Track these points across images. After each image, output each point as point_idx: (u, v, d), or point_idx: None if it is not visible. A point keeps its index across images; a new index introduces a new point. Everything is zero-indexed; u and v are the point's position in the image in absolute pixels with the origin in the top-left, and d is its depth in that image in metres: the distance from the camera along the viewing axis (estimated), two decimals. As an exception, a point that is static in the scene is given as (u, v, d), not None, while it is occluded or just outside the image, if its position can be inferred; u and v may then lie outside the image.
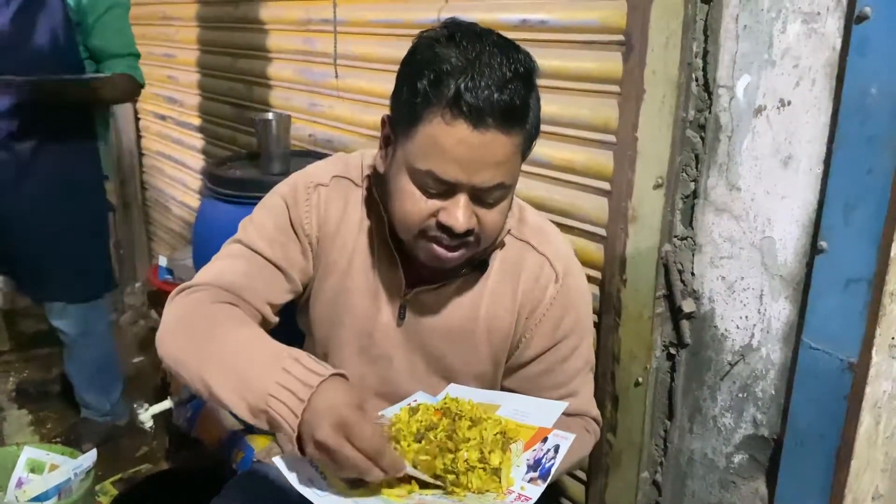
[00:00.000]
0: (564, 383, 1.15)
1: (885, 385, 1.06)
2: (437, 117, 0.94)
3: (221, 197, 1.79)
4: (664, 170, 1.24)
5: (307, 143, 2.23)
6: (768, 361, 1.17)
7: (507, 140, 0.94)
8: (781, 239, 1.12)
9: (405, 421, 0.99)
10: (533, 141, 1.02)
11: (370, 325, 1.15)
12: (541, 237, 1.14)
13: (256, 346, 0.96)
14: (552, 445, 0.94)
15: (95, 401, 2.51)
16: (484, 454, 0.93)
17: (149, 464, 2.45)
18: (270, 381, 0.88)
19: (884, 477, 1.14)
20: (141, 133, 3.64)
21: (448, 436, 0.95)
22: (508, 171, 0.98)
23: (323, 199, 1.15)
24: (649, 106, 1.22)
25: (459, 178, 0.95)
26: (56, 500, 1.94)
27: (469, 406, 1.02)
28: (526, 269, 1.12)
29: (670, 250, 1.27)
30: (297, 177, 1.18)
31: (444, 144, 0.94)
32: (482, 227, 1.01)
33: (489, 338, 1.14)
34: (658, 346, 1.32)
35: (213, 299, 1.06)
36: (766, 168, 1.12)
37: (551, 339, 1.13)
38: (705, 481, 1.30)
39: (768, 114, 1.11)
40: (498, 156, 0.95)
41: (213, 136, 2.87)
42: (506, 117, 0.93)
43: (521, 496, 0.90)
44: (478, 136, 0.93)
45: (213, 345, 0.98)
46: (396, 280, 1.12)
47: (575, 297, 1.14)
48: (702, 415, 1.28)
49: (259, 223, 1.15)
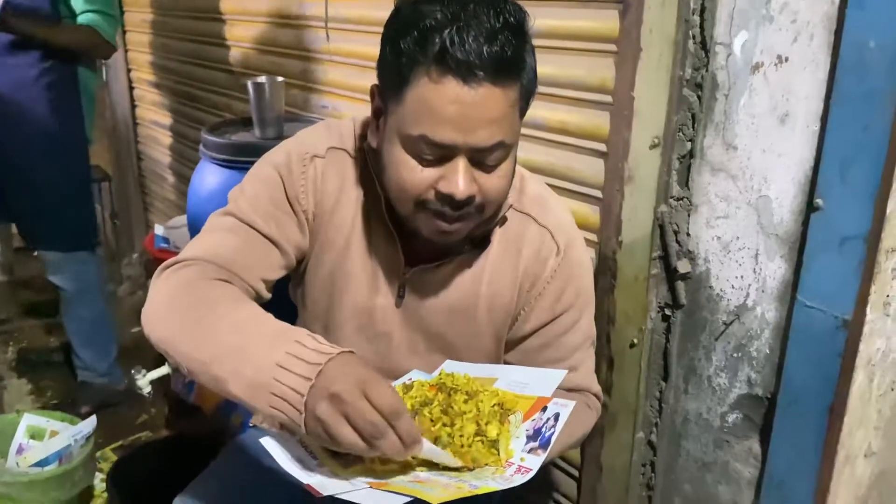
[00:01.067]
0: (564, 358, 1.14)
1: (878, 342, 1.06)
2: (424, 77, 0.89)
3: (216, 161, 1.78)
4: (660, 130, 1.23)
5: (301, 108, 2.21)
6: (763, 321, 1.17)
7: (501, 94, 0.90)
8: (777, 197, 1.11)
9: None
10: (531, 96, 0.97)
11: (369, 304, 1.13)
12: (542, 208, 1.11)
13: (257, 324, 0.90)
14: (552, 414, 0.91)
15: (92, 360, 2.58)
16: (481, 426, 0.90)
17: (148, 431, 2.48)
18: (274, 359, 0.83)
19: (877, 434, 1.15)
20: (136, 102, 3.61)
21: (443, 410, 0.93)
22: (507, 128, 0.93)
23: (319, 173, 1.10)
24: (646, 65, 1.20)
25: (455, 139, 0.91)
26: (57, 465, 1.96)
27: (465, 380, 0.99)
28: (527, 242, 1.10)
29: (666, 211, 1.26)
30: (290, 146, 1.13)
31: (434, 105, 0.90)
32: (484, 193, 0.96)
33: (490, 314, 1.12)
34: (653, 307, 1.32)
35: (206, 276, 1.00)
36: (762, 126, 1.11)
37: (551, 313, 1.12)
38: (700, 441, 1.31)
39: (765, 71, 1.10)
40: (493, 112, 0.91)
41: (209, 104, 2.84)
42: (498, 70, 0.88)
43: (522, 468, 0.87)
44: (469, 91, 0.88)
45: (209, 325, 0.92)
46: (395, 259, 1.09)
47: (576, 270, 1.12)
48: (696, 375, 1.29)
49: (252, 195, 1.09)
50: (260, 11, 2.36)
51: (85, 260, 2.47)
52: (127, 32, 3.49)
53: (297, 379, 0.81)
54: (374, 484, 0.84)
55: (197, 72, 2.88)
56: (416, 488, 0.81)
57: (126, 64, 3.56)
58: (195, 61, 2.88)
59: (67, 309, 2.53)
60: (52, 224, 2.37)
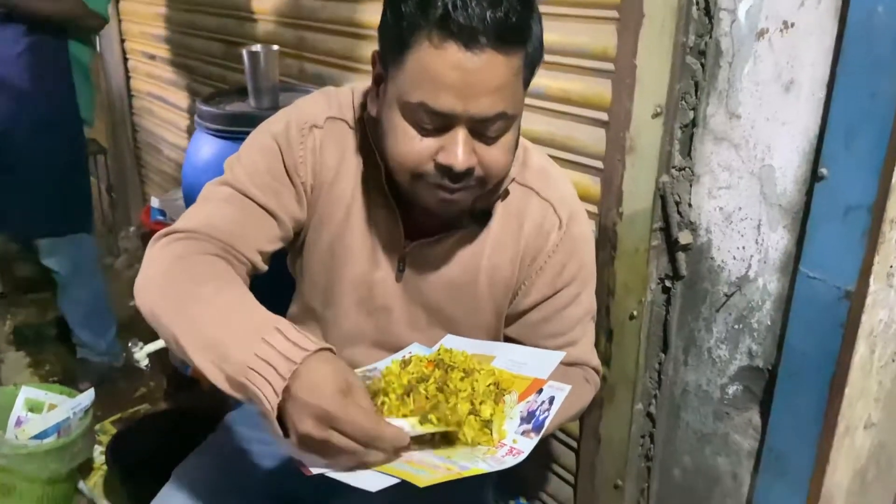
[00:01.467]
0: (564, 332, 1.13)
1: (881, 313, 1.06)
2: (426, 41, 0.87)
3: (211, 132, 1.75)
4: (663, 98, 1.21)
5: (296, 77, 2.18)
6: (765, 292, 1.16)
7: (504, 61, 0.87)
8: (781, 167, 1.10)
9: (396, 374, 0.96)
10: (535, 66, 0.94)
11: (369, 277, 1.11)
12: (544, 181, 1.09)
13: (239, 312, 0.89)
14: (547, 397, 0.90)
15: (90, 340, 2.56)
16: (475, 406, 0.89)
17: (147, 404, 2.48)
18: (250, 353, 0.82)
19: (877, 406, 1.15)
20: (130, 73, 3.56)
21: (438, 388, 0.92)
22: (509, 98, 0.90)
23: (318, 144, 1.08)
24: (648, 32, 1.18)
25: (454, 107, 0.88)
26: (56, 438, 1.96)
27: (462, 357, 0.98)
28: (529, 216, 1.08)
29: (668, 181, 1.24)
30: (289, 115, 1.10)
31: (434, 70, 0.87)
32: (485, 166, 0.94)
33: (491, 289, 1.11)
34: (653, 278, 1.31)
35: (200, 250, 0.99)
36: (766, 94, 1.09)
37: (552, 287, 1.11)
38: (699, 412, 1.31)
39: (770, 37, 1.07)
40: (495, 80, 0.87)
41: (203, 75, 2.81)
42: (501, 36, 0.85)
43: (513, 449, 0.86)
44: (471, 57, 0.85)
45: (193, 306, 0.91)
46: (395, 232, 1.08)
47: (579, 244, 1.11)
48: (696, 347, 1.28)
49: (250, 165, 1.07)
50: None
51: (79, 242, 2.42)
52: (120, 2, 3.43)
53: (268, 388, 0.80)
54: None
55: (191, 42, 2.84)
56: (405, 469, 0.80)
57: (120, 34, 3.50)
58: (189, 31, 2.84)
59: (63, 291, 2.49)
60: (44, 208, 2.30)
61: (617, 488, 1.46)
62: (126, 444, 1.95)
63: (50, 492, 1.93)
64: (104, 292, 2.58)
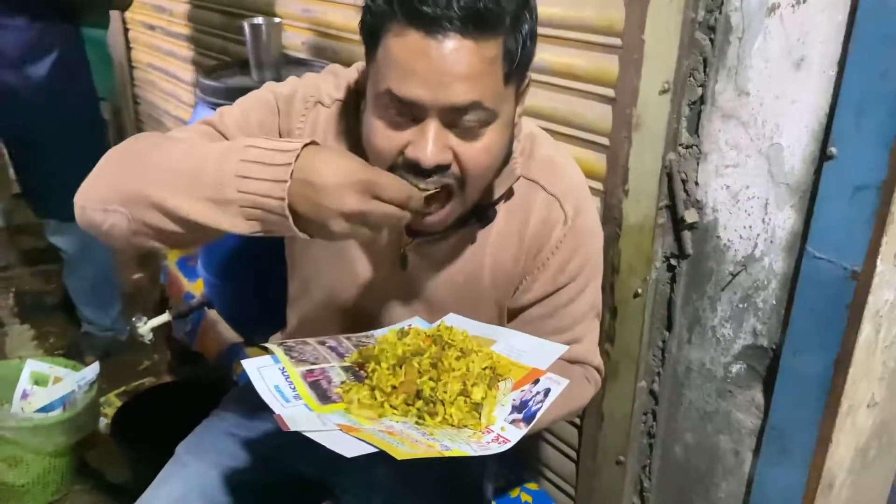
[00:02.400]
0: (567, 328, 1.11)
1: (887, 294, 1.05)
2: (391, 31, 0.84)
3: (212, 106, 1.74)
4: (671, 74, 1.19)
5: (300, 50, 2.16)
6: (770, 271, 1.15)
7: (473, 48, 0.82)
8: (789, 145, 1.08)
9: (392, 342, 0.95)
10: (521, 55, 0.88)
11: (369, 274, 1.10)
12: (550, 174, 1.06)
13: (203, 146, 0.85)
14: (543, 388, 0.87)
15: (95, 315, 2.57)
16: (467, 387, 0.88)
17: (151, 377, 2.50)
18: (234, 163, 0.79)
19: (880, 385, 1.15)
20: (131, 45, 3.53)
21: (432, 363, 0.90)
22: (484, 88, 0.85)
23: (321, 122, 1.04)
24: (657, 5, 1.16)
25: (420, 95, 0.83)
26: (61, 411, 1.97)
27: (462, 336, 0.97)
28: (535, 211, 1.06)
29: (675, 159, 1.23)
30: (297, 83, 1.06)
31: (398, 57, 0.83)
32: (462, 164, 0.88)
33: (494, 285, 1.09)
34: (658, 257, 1.30)
35: (163, 136, 0.94)
36: (776, 71, 1.08)
37: (554, 284, 1.09)
38: (702, 390, 1.31)
39: (782, 13, 1.05)
40: (464, 67, 0.82)
41: (205, 46, 2.78)
42: (467, 21, 0.81)
43: (500, 437, 0.84)
44: (434, 43, 0.81)
45: (149, 163, 0.86)
46: (396, 229, 1.05)
47: (584, 239, 1.08)
48: (701, 325, 1.28)
49: (240, 114, 1.02)
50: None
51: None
52: (120, -29, 3.39)
53: (266, 185, 0.78)
54: (345, 427, 0.81)
55: (192, 12, 2.81)
56: (385, 440, 0.79)
57: (120, 4, 3.47)
58: (192, 2, 2.80)
59: (69, 269, 2.51)
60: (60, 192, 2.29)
61: (619, 464, 1.46)
62: (131, 417, 1.96)
63: (55, 464, 1.95)
64: (111, 269, 2.59)
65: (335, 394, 0.90)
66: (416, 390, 0.88)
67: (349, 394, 0.89)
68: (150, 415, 1.94)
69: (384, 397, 0.88)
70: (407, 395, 0.88)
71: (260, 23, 1.82)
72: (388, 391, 0.88)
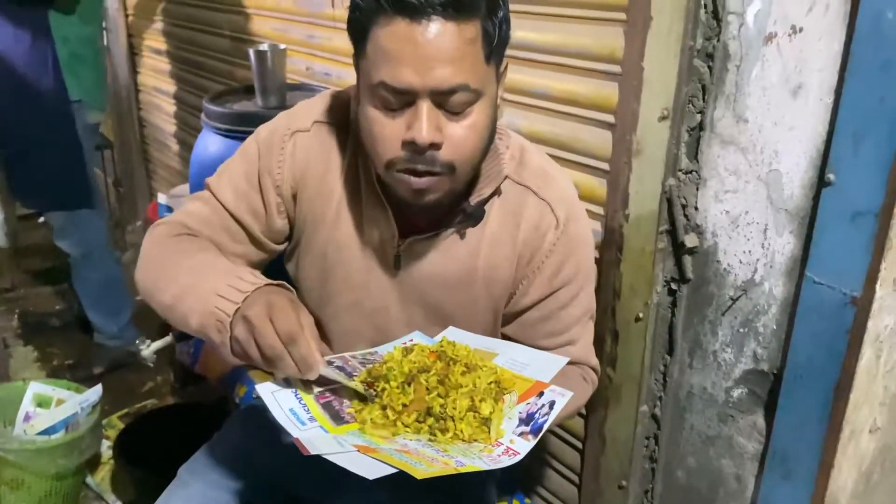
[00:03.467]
0: (563, 331, 1.13)
1: (887, 319, 1.05)
2: (379, 23, 0.90)
3: (217, 131, 1.76)
4: (670, 101, 1.20)
5: (304, 76, 2.18)
6: (770, 296, 1.16)
7: (455, 30, 0.88)
8: (788, 172, 1.09)
9: (398, 360, 0.97)
10: (496, 43, 0.94)
11: (364, 276, 1.12)
12: (542, 181, 1.09)
13: (209, 265, 1.03)
14: (548, 401, 0.90)
15: (103, 322, 2.61)
16: (475, 402, 0.90)
17: (154, 399, 2.50)
18: (215, 290, 0.96)
19: (882, 410, 1.15)
20: (137, 69, 3.57)
21: (440, 380, 0.92)
22: (468, 69, 0.90)
23: (300, 149, 1.09)
24: (656, 34, 1.18)
25: (412, 81, 0.89)
26: (64, 433, 1.97)
27: (465, 351, 0.98)
28: (526, 215, 1.08)
29: (674, 184, 1.24)
30: (279, 120, 1.14)
31: (388, 48, 0.89)
32: (452, 143, 0.93)
33: (488, 287, 1.11)
34: (659, 281, 1.31)
35: (174, 233, 1.10)
36: (774, 98, 1.09)
37: (550, 287, 1.11)
38: (704, 415, 1.31)
39: (779, 41, 1.07)
40: (448, 49, 0.88)
41: (210, 71, 2.81)
42: (448, 4, 0.87)
43: (510, 450, 0.87)
44: (420, 29, 0.87)
45: (172, 273, 1.04)
46: (389, 230, 1.08)
47: (576, 244, 1.10)
48: (702, 350, 1.28)
49: (232, 170, 1.13)
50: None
51: (88, 223, 2.47)
52: (127, -3, 3.45)
53: (228, 304, 0.94)
54: (362, 448, 0.84)
55: (198, 38, 2.84)
56: (403, 460, 0.81)
57: (127, 29, 3.51)
58: (197, 27, 2.84)
59: (76, 273, 2.57)
60: (44, 182, 2.32)
61: (621, 489, 1.46)
62: (133, 439, 1.96)
63: (58, 487, 1.94)
64: (118, 276, 2.63)
65: (348, 414, 0.92)
66: (426, 407, 0.90)
67: (362, 413, 0.92)
68: (153, 437, 1.94)
69: (396, 416, 0.91)
70: (418, 412, 0.90)
71: (265, 49, 1.85)
72: (400, 409, 0.91)
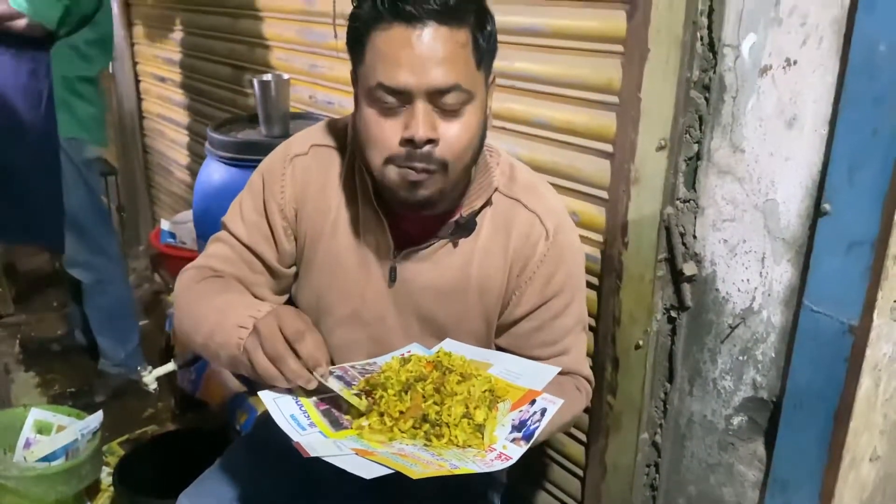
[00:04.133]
0: (556, 341, 1.15)
1: (885, 347, 1.06)
2: (378, 30, 0.96)
3: (221, 159, 1.78)
4: (667, 131, 1.22)
5: (307, 104, 2.21)
6: (769, 324, 1.17)
7: (448, 33, 0.94)
8: (784, 201, 1.11)
9: (395, 370, 1.00)
10: (487, 47, 1.00)
11: (361, 288, 1.15)
12: (531, 194, 1.13)
13: (232, 302, 1.08)
14: (539, 408, 0.94)
15: (110, 347, 2.61)
16: (469, 409, 0.94)
17: (155, 425, 2.49)
18: (237, 322, 1.01)
19: (882, 438, 1.15)
20: (142, 96, 3.61)
21: (436, 388, 0.96)
22: (461, 70, 0.96)
23: (300, 170, 1.15)
24: (653, 66, 1.20)
25: (408, 81, 0.95)
26: (64, 460, 1.97)
27: (461, 361, 1.02)
28: (517, 226, 1.11)
29: (672, 213, 1.26)
30: (279, 149, 1.20)
31: (386, 51, 0.95)
32: (446, 141, 0.98)
33: (481, 297, 1.13)
34: (659, 308, 1.32)
35: (200, 277, 1.16)
36: (770, 129, 1.11)
37: (542, 297, 1.13)
38: (704, 442, 1.31)
39: (774, 73, 1.09)
40: (442, 50, 0.94)
41: (214, 99, 2.84)
42: (440, 11, 0.93)
43: (503, 455, 0.90)
44: (415, 32, 0.93)
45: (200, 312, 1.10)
46: (385, 242, 1.12)
47: (566, 254, 1.13)
48: (702, 377, 1.29)
49: (242, 205, 1.18)
50: (267, 7, 2.35)
51: (98, 251, 2.49)
52: (133, 26, 3.49)
53: (246, 331, 1.00)
54: (360, 451, 0.87)
55: (203, 66, 2.88)
56: (399, 462, 0.85)
57: (132, 57, 3.56)
58: (201, 55, 2.88)
59: (86, 299, 2.58)
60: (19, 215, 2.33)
61: (622, 517, 1.46)
62: (133, 466, 1.95)
63: (58, 514, 1.93)
64: (129, 303, 2.65)
65: (346, 420, 0.96)
66: (422, 414, 0.94)
67: (360, 419, 0.95)
68: (153, 464, 1.93)
69: (393, 422, 0.94)
70: (414, 419, 0.94)
71: (269, 79, 1.87)
72: (397, 416, 0.94)
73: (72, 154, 2.36)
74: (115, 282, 2.58)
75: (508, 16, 1.37)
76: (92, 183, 2.49)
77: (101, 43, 2.42)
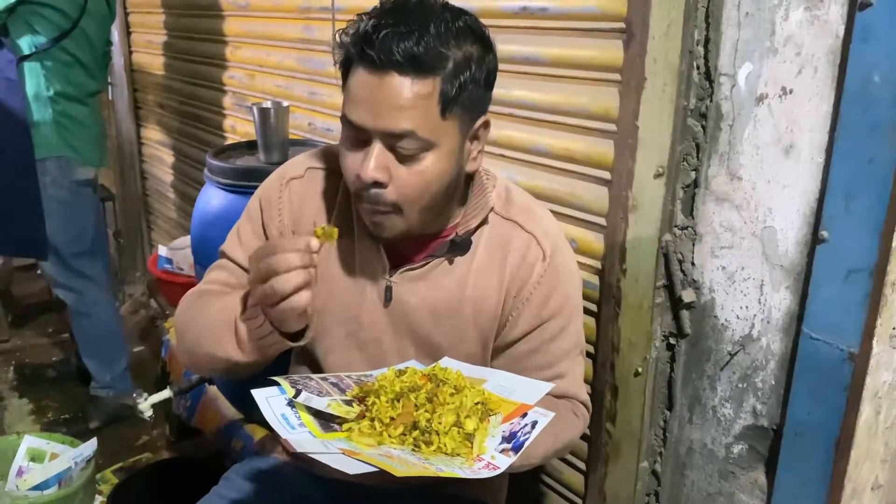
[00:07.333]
0: (552, 364, 1.14)
1: (885, 375, 1.06)
2: (352, 69, 1.00)
3: (220, 185, 1.78)
4: (665, 159, 1.23)
5: (307, 131, 2.22)
6: (768, 352, 1.16)
7: (409, 84, 0.95)
8: (782, 229, 1.11)
9: (390, 379, 1.02)
10: (462, 96, 0.98)
11: (356, 309, 1.15)
12: (528, 216, 1.13)
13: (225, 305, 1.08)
14: (530, 421, 0.94)
15: (96, 370, 2.61)
16: (460, 418, 0.94)
17: (149, 453, 2.47)
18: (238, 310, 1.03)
19: (884, 467, 1.14)
20: (140, 122, 3.63)
21: (428, 398, 0.97)
22: (418, 119, 0.96)
23: (296, 193, 1.17)
24: (650, 94, 1.21)
25: (364, 121, 0.98)
26: (56, 488, 1.95)
27: (456, 375, 1.03)
28: (513, 248, 1.12)
29: (670, 240, 1.26)
30: (274, 174, 1.22)
31: (353, 90, 0.99)
32: (397, 187, 1.00)
33: (476, 318, 1.13)
34: (658, 336, 1.32)
35: (199, 296, 1.18)
36: (767, 157, 1.12)
37: (538, 319, 1.13)
38: (704, 471, 1.30)
39: (770, 102, 1.10)
40: (399, 99, 0.95)
41: (213, 125, 2.85)
42: (404, 64, 0.94)
43: (490, 464, 0.90)
44: (376, 79, 0.96)
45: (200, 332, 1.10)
46: (380, 261, 1.13)
47: (563, 276, 1.13)
48: (701, 405, 1.28)
49: (241, 230, 1.20)
50: (265, 35, 2.37)
51: (78, 274, 2.50)
52: (132, 53, 3.52)
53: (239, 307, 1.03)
54: (347, 451, 0.88)
55: (202, 93, 2.90)
56: (384, 461, 0.85)
57: (131, 83, 3.58)
58: (200, 82, 2.90)
59: (72, 319, 2.59)
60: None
61: (622, 547, 1.44)
62: (127, 495, 1.93)
63: (49, 544, 1.91)
64: (115, 325, 2.64)
65: (337, 425, 0.97)
66: (412, 422, 0.94)
67: (350, 423, 0.96)
68: (147, 492, 1.91)
69: (383, 427, 0.95)
70: (404, 426, 0.94)
71: (269, 107, 1.89)
72: (387, 422, 0.95)
73: (57, 173, 2.36)
74: (100, 304, 2.58)
75: (507, 45, 1.38)
76: (82, 204, 2.48)
77: (93, 63, 2.44)
